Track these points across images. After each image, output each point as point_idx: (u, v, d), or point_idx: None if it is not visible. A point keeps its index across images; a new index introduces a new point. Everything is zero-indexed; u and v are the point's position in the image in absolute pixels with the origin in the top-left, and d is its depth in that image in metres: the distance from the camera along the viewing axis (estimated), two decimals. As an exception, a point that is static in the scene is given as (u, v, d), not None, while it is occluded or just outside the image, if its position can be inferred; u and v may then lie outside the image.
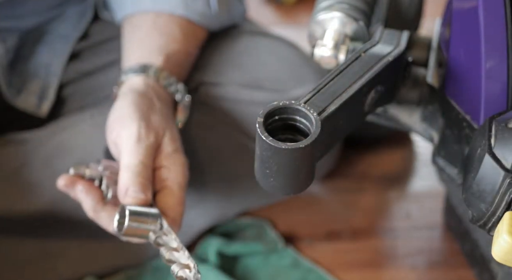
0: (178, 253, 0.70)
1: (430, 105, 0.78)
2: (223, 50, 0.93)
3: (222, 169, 0.91)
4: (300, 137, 0.59)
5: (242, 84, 0.91)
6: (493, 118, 0.62)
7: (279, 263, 0.95)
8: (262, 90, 0.91)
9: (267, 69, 0.93)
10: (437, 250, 0.98)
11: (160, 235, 0.72)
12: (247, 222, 0.99)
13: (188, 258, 0.69)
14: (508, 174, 0.57)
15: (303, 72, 0.94)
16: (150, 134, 0.76)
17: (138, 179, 0.73)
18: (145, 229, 0.72)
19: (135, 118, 0.77)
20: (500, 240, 0.55)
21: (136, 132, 0.76)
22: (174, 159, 0.77)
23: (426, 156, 1.08)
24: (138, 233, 0.72)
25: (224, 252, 0.94)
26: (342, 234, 1.00)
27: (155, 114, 0.78)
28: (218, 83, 0.90)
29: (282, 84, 0.92)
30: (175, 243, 0.71)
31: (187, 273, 0.68)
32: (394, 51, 0.67)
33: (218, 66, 0.92)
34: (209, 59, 0.92)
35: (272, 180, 0.59)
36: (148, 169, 0.75)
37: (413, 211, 1.02)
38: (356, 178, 1.07)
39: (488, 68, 0.66)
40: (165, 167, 0.77)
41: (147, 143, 0.76)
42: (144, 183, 0.73)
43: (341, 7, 0.73)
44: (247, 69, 0.92)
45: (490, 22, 0.65)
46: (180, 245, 0.70)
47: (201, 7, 0.87)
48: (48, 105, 0.92)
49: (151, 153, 0.76)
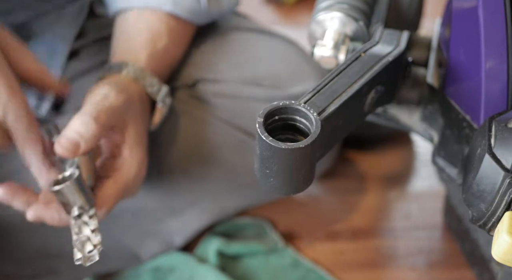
0: (91, 234, 0.70)
1: (430, 105, 0.78)
2: (221, 47, 0.93)
3: (221, 166, 0.91)
4: (300, 137, 0.59)
5: (240, 81, 0.91)
6: (493, 118, 0.62)
7: (279, 263, 0.95)
8: (261, 86, 0.91)
9: (265, 66, 0.93)
10: (437, 250, 0.98)
11: (83, 213, 0.71)
12: (247, 222, 0.99)
13: (98, 242, 0.69)
14: (508, 174, 0.57)
15: (302, 69, 0.94)
16: (119, 99, 0.75)
17: (90, 121, 0.71)
18: (75, 201, 0.71)
19: (107, 84, 0.76)
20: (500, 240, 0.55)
21: (105, 92, 0.74)
22: (133, 153, 0.76)
23: (426, 156, 1.08)
24: (65, 200, 0.70)
25: (224, 252, 0.94)
26: (342, 234, 1.00)
27: (129, 102, 0.77)
28: (216, 80, 0.90)
29: (281, 80, 0.92)
30: (92, 226, 0.71)
31: (87, 249, 0.68)
32: (394, 51, 0.67)
33: (216, 63, 0.92)
34: (207, 56, 0.92)
35: (272, 180, 0.59)
36: (101, 127, 0.72)
37: (413, 211, 1.02)
38: (356, 178, 1.07)
39: (488, 68, 0.66)
40: (122, 157, 0.76)
41: (113, 104, 0.74)
42: (93, 127, 0.71)
43: (341, 7, 0.73)
44: (246, 66, 0.92)
45: (490, 22, 0.65)
46: (97, 230, 0.70)
47: (189, 3, 0.87)
48: (47, 106, 0.92)
49: (111, 116, 0.74)
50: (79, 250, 0.68)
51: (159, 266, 0.93)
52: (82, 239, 0.69)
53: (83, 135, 0.71)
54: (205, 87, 0.90)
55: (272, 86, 0.91)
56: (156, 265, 0.93)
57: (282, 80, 0.92)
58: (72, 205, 0.71)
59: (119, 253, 0.92)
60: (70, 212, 0.71)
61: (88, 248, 0.69)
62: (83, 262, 0.68)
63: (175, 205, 0.92)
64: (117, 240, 0.91)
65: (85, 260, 0.68)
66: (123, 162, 0.76)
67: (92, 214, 0.71)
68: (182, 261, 0.93)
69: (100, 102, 0.74)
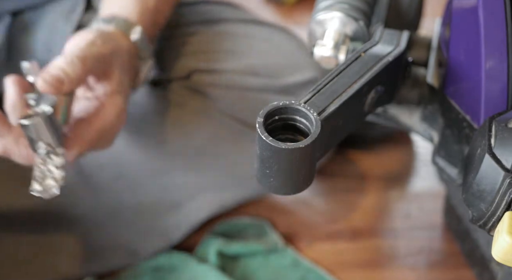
0: (54, 169, 0.68)
1: (430, 105, 0.78)
2: (217, 38, 0.93)
3: (218, 157, 0.91)
4: (300, 137, 0.59)
5: (236, 71, 0.91)
6: (493, 118, 0.62)
7: (279, 263, 0.95)
8: (257, 76, 0.91)
9: (261, 56, 0.93)
10: (437, 250, 0.98)
11: (50, 152, 0.69)
12: (247, 222, 0.99)
13: (60, 177, 0.68)
14: (508, 174, 0.57)
15: (298, 58, 0.94)
16: (107, 47, 0.74)
17: (76, 61, 0.70)
18: (42, 138, 0.69)
19: (95, 31, 0.75)
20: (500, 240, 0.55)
21: (92, 39, 0.73)
22: (113, 101, 0.75)
23: (426, 156, 1.08)
24: (33, 136, 0.68)
25: (224, 252, 0.94)
26: (342, 234, 1.00)
27: (116, 52, 0.76)
28: (211, 70, 0.90)
29: (277, 70, 0.92)
30: (58, 163, 0.69)
31: (47, 182, 0.67)
32: (394, 51, 0.67)
33: (212, 53, 0.92)
34: (202, 47, 0.92)
35: (272, 180, 0.59)
36: (86, 69, 0.71)
37: (413, 211, 1.02)
38: (356, 178, 1.07)
39: (488, 68, 0.66)
40: (101, 103, 0.74)
41: (100, 51, 0.73)
42: (79, 68, 0.70)
43: (341, 7, 0.73)
44: (241, 56, 0.92)
45: (490, 22, 0.65)
46: (62, 167, 0.69)
47: None
48: None
49: (97, 63, 0.72)
50: (38, 183, 0.66)
51: (159, 266, 0.93)
52: (45, 172, 0.67)
53: (68, 74, 0.70)
54: (201, 78, 0.90)
55: (268, 75, 0.91)
56: (156, 265, 0.93)
57: (278, 70, 0.92)
58: (39, 142, 0.68)
59: (118, 250, 0.91)
60: (36, 149, 0.69)
61: (49, 182, 0.67)
62: (41, 194, 0.66)
63: (173, 199, 0.92)
64: (116, 237, 0.91)
65: (43, 193, 0.66)
66: (101, 108, 0.74)
67: (60, 153, 0.69)
68: (182, 261, 0.93)
69: (87, 47, 0.72)
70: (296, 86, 0.91)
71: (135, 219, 0.92)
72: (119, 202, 0.90)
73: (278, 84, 0.90)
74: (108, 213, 0.91)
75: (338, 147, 1.05)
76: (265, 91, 0.90)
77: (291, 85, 0.91)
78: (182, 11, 0.96)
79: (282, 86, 0.91)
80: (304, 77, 0.92)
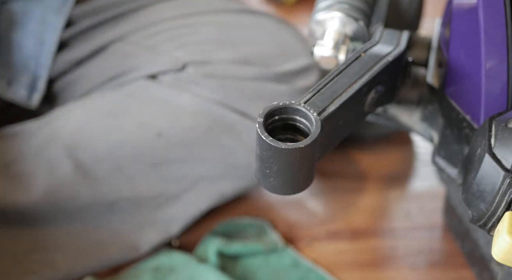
0: None
1: (430, 105, 0.78)
2: (210, 29, 0.93)
3: (214, 147, 0.91)
4: (300, 137, 0.59)
5: (230, 60, 0.90)
6: (493, 118, 0.62)
7: (279, 263, 0.95)
8: (251, 65, 0.90)
9: (254, 45, 0.93)
10: (437, 250, 0.98)
11: None
12: (247, 222, 0.99)
13: None
14: (508, 174, 0.57)
15: (291, 46, 0.94)
16: None
17: None
18: None
19: None
20: (500, 240, 0.55)
21: None
22: None
23: (426, 156, 1.08)
24: None
25: (224, 252, 0.94)
26: (342, 234, 1.00)
27: None
28: (206, 62, 0.90)
29: (271, 59, 0.92)
30: None
31: None
32: (394, 51, 0.67)
33: (205, 44, 0.92)
34: (196, 37, 0.92)
35: (272, 180, 0.59)
36: None
37: (413, 211, 1.02)
38: (356, 178, 1.07)
39: (488, 68, 0.66)
40: None
41: None
42: None
43: (341, 7, 0.73)
44: (235, 46, 0.92)
45: (490, 22, 0.65)
46: None
47: None
48: (38, 96, 0.92)
49: None
50: None
51: (159, 266, 0.93)
52: None
53: None
54: (195, 69, 0.90)
55: (262, 64, 0.91)
56: (156, 265, 0.93)
57: (272, 58, 0.92)
58: None
59: (117, 244, 0.91)
60: None
61: None
62: None
63: (172, 191, 0.92)
64: (114, 231, 0.91)
65: None
66: None
67: None
68: (182, 261, 0.93)
69: None
70: (291, 73, 0.92)
71: (134, 212, 0.91)
72: (117, 196, 0.90)
73: (272, 73, 0.91)
74: (106, 206, 0.90)
75: (338, 147, 1.05)
76: (259, 80, 0.90)
77: (286, 73, 0.91)
78: (172, 4, 0.96)
79: (277, 74, 0.91)
80: (299, 65, 0.92)
